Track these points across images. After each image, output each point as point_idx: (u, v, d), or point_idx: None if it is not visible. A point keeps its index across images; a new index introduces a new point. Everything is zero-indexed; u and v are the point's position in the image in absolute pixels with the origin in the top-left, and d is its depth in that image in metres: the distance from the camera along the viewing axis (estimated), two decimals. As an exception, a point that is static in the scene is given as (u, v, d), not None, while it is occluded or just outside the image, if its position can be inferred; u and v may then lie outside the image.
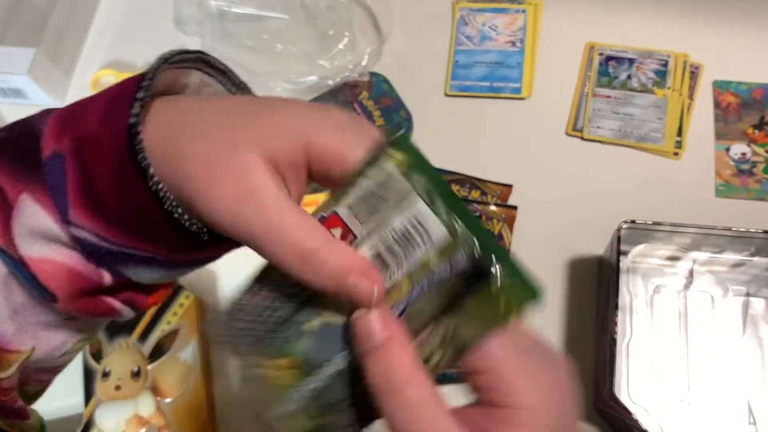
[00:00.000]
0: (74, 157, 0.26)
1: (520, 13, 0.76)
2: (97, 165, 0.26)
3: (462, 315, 0.24)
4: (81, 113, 0.27)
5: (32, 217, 0.27)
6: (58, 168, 0.26)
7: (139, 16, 0.83)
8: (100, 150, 0.26)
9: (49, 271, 0.27)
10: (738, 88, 0.71)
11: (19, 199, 0.27)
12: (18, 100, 0.77)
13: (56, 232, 0.27)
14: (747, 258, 0.59)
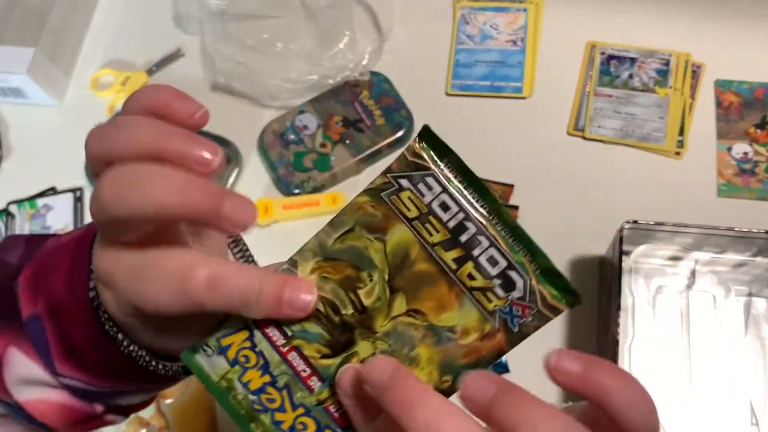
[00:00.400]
0: (50, 319, 0.28)
1: (521, 12, 0.76)
2: (71, 327, 0.28)
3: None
4: (48, 274, 0.29)
5: (21, 367, 0.29)
6: (38, 328, 0.28)
7: (138, 14, 0.82)
8: (72, 316, 0.28)
9: (44, 410, 0.30)
10: (740, 88, 0.70)
11: (7, 352, 0.29)
12: (17, 100, 0.77)
13: (46, 378, 0.29)
14: (749, 258, 0.58)
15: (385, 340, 0.26)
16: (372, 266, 0.26)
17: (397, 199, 0.27)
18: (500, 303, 0.26)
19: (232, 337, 0.26)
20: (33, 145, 0.76)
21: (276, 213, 0.67)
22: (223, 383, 0.26)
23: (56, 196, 0.72)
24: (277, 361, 0.26)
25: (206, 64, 0.77)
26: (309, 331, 0.26)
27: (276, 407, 0.26)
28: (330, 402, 0.26)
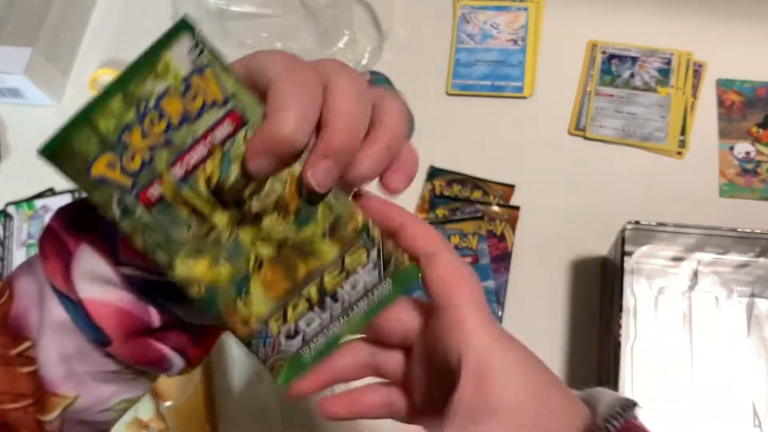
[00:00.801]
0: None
1: (522, 11, 0.76)
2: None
3: None
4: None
5: (90, 262, 0.31)
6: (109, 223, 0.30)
7: (136, 13, 0.82)
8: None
9: (104, 313, 0.31)
10: (742, 87, 0.70)
11: (78, 249, 0.31)
12: (15, 100, 0.76)
13: (110, 274, 0.31)
14: (752, 259, 0.58)
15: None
16: None
17: None
18: None
19: None
20: (31, 146, 0.74)
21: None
22: None
23: (55, 197, 0.71)
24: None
25: (205, 64, 0.77)
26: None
27: None
28: None
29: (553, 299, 0.62)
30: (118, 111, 0.25)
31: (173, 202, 0.27)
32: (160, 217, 0.27)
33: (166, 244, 0.28)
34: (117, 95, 0.25)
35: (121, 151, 0.26)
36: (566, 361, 0.60)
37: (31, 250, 0.69)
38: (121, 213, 0.27)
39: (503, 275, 0.63)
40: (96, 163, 0.26)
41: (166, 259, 0.28)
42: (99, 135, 0.26)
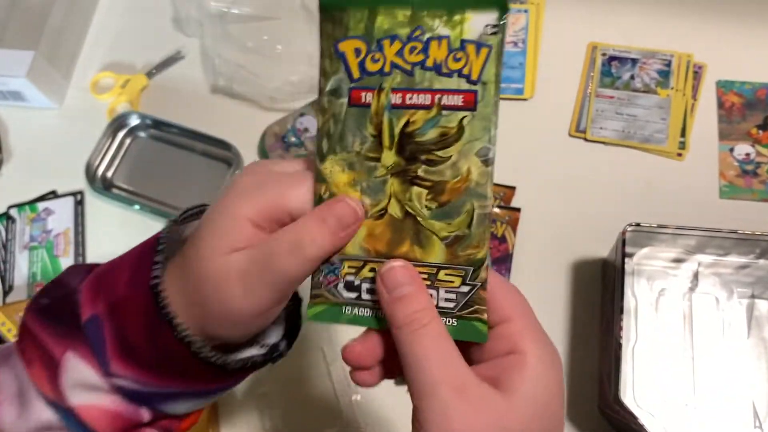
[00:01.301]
0: (109, 318, 0.31)
1: (522, 13, 0.76)
2: (130, 323, 0.31)
3: None
4: (111, 278, 0.33)
5: (77, 371, 0.31)
6: (97, 329, 0.31)
7: (137, 17, 0.82)
8: (132, 310, 0.31)
9: (95, 416, 0.32)
10: (742, 88, 0.70)
11: (65, 357, 0.32)
12: (17, 103, 0.76)
13: (99, 382, 0.31)
14: (752, 260, 0.58)
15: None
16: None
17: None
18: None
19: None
20: (33, 149, 0.75)
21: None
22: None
23: (57, 200, 0.71)
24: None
25: (206, 67, 0.77)
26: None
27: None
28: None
29: (554, 301, 0.62)
30: (399, 21, 0.28)
31: (371, 116, 0.29)
32: (351, 117, 0.29)
33: (336, 138, 0.29)
34: (408, 9, 0.28)
35: (373, 49, 0.28)
36: (567, 362, 0.60)
37: (34, 253, 0.69)
38: (331, 89, 0.29)
39: (504, 277, 0.63)
40: (349, 41, 0.28)
41: (325, 149, 0.30)
42: (371, 24, 0.28)
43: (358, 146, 0.29)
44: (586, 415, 0.58)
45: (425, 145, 0.29)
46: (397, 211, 0.29)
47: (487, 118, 0.28)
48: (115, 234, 0.69)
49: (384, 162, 0.29)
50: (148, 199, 0.71)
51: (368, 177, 0.29)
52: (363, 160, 0.29)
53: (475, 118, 0.28)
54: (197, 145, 0.72)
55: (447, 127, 0.28)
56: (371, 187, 0.30)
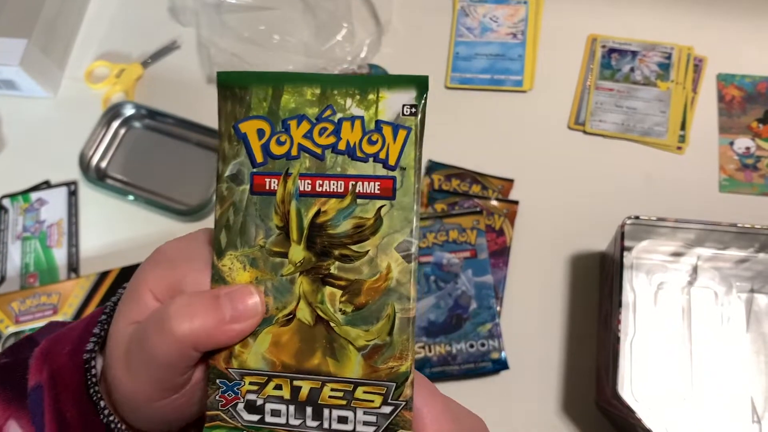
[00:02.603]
0: (50, 388, 0.29)
1: (522, 5, 0.75)
2: (64, 396, 0.29)
3: None
4: (58, 346, 0.30)
5: None
6: (38, 399, 0.30)
7: (133, 5, 0.81)
8: (67, 383, 0.29)
9: None
10: (742, 82, 0.70)
11: (6, 424, 0.30)
12: (10, 92, 0.75)
13: None
14: (751, 254, 0.58)
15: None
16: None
17: None
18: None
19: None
20: (26, 138, 0.75)
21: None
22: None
23: (50, 190, 0.71)
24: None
25: (202, 57, 0.76)
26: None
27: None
28: None
29: (552, 294, 0.62)
30: (307, 99, 0.25)
31: (276, 205, 0.26)
32: (254, 206, 0.26)
33: (237, 231, 0.26)
34: (317, 87, 0.25)
35: (278, 130, 0.26)
36: (565, 356, 0.60)
37: (26, 244, 0.68)
38: (231, 175, 0.26)
39: (502, 270, 0.63)
40: (251, 121, 0.26)
41: (224, 244, 0.26)
42: (276, 103, 0.25)
43: (262, 240, 0.26)
44: (583, 410, 0.57)
45: (339, 239, 0.25)
46: (307, 315, 0.26)
47: (407, 208, 0.25)
48: (109, 225, 0.69)
49: (292, 258, 0.26)
50: (143, 189, 0.70)
51: (274, 276, 0.26)
52: (267, 255, 0.26)
53: (394, 207, 0.25)
54: (192, 136, 0.72)
55: (363, 217, 0.25)
56: (277, 288, 0.26)
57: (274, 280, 0.26)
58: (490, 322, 0.59)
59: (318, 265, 0.26)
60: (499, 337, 0.58)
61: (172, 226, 0.68)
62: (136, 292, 0.27)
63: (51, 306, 0.63)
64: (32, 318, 0.62)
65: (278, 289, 0.26)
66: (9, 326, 0.62)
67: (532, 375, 0.54)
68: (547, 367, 0.59)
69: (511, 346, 0.55)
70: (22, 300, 0.63)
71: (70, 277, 0.66)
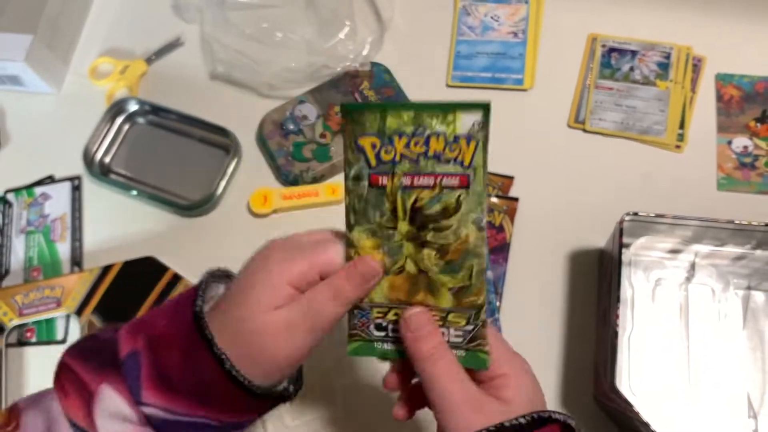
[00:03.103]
0: (148, 351, 0.35)
1: (523, 4, 0.76)
2: (168, 352, 0.35)
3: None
4: (150, 321, 0.37)
5: (110, 402, 0.35)
6: (134, 362, 0.35)
7: (137, 2, 0.82)
8: (171, 340, 0.36)
9: None
10: (740, 81, 0.70)
11: (99, 389, 0.35)
12: (15, 87, 0.76)
13: (130, 413, 0.35)
14: (748, 251, 0.58)
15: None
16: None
17: None
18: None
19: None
20: (31, 134, 0.75)
21: (276, 202, 0.67)
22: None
23: (54, 185, 0.71)
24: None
25: (206, 54, 0.77)
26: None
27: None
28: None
29: (551, 290, 0.63)
30: (404, 121, 0.35)
31: (387, 195, 0.36)
32: (371, 196, 0.36)
33: (361, 213, 0.37)
34: (411, 112, 0.35)
35: (385, 143, 0.35)
36: (564, 351, 0.60)
37: (30, 238, 0.69)
38: (354, 175, 0.36)
39: (502, 266, 0.63)
40: (366, 137, 0.35)
41: (353, 221, 0.37)
42: (382, 124, 0.35)
43: (378, 218, 0.36)
44: (581, 404, 0.58)
45: (431, 217, 0.36)
46: (412, 268, 0.37)
47: (479, 195, 0.35)
48: (112, 219, 0.69)
49: (400, 230, 0.36)
50: (146, 184, 0.71)
51: (388, 242, 0.37)
52: (383, 229, 0.37)
53: (469, 195, 0.35)
54: (195, 132, 0.72)
55: (448, 202, 0.35)
56: (391, 250, 0.37)
57: (389, 245, 0.37)
58: (490, 317, 0.59)
59: (418, 235, 0.36)
60: (499, 332, 0.59)
61: (175, 221, 0.69)
62: (271, 283, 0.36)
63: (54, 299, 0.63)
64: (36, 311, 0.63)
65: (392, 251, 0.37)
66: (13, 319, 0.63)
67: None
68: (546, 362, 0.60)
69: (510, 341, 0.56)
70: (26, 293, 0.64)
71: (73, 271, 0.67)
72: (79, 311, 0.63)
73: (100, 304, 0.62)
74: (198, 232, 0.68)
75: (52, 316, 0.63)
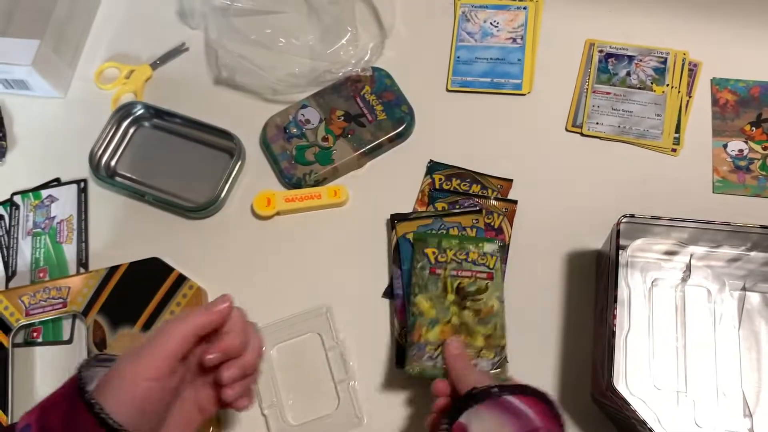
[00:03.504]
0: (37, 419, 0.41)
1: (522, 10, 0.77)
2: (53, 415, 0.41)
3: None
4: (45, 399, 0.43)
5: None
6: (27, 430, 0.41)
7: (142, 8, 0.83)
8: (56, 404, 0.42)
9: None
10: (736, 86, 0.72)
11: None
12: (22, 92, 0.77)
13: None
14: (743, 253, 0.59)
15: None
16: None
17: None
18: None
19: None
20: (37, 137, 0.76)
21: (279, 205, 0.68)
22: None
23: (60, 188, 0.72)
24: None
25: (210, 59, 0.78)
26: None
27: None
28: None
29: (549, 291, 0.64)
30: (453, 244, 0.60)
31: (440, 278, 0.59)
32: (431, 278, 0.59)
33: (421, 287, 0.59)
34: (455, 241, 0.60)
35: (439, 252, 0.60)
36: (562, 350, 0.61)
37: (37, 239, 0.70)
38: (421, 266, 0.59)
39: (501, 268, 0.64)
40: (429, 249, 0.60)
41: (417, 291, 0.59)
42: (438, 245, 0.60)
43: (434, 291, 0.58)
44: (579, 403, 0.59)
45: (470, 294, 0.58)
46: (456, 321, 0.57)
47: (499, 284, 0.59)
48: (118, 221, 0.70)
49: (448, 299, 0.58)
50: (151, 187, 0.72)
51: (441, 306, 0.58)
52: (437, 298, 0.58)
53: (493, 282, 0.58)
54: (200, 135, 0.73)
55: (480, 287, 0.58)
56: (442, 311, 0.58)
57: (441, 308, 0.58)
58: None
59: (461, 302, 0.58)
60: None
61: (180, 222, 0.70)
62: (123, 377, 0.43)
63: (61, 300, 0.64)
64: (42, 311, 0.64)
65: (442, 311, 0.58)
66: (20, 319, 0.64)
67: (529, 369, 0.55)
68: (544, 362, 0.61)
69: (509, 341, 0.57)
70: (33, 294, 0.65)
71: (79, 272, 0.68)
72: (86, 311, 0.64)
73: (106, 305, 0.63)
74: (202, 233, 0.69)
75: (59, 316, 0.64)
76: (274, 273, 0.66)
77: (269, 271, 0.67)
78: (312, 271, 0.66)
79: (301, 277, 0.66)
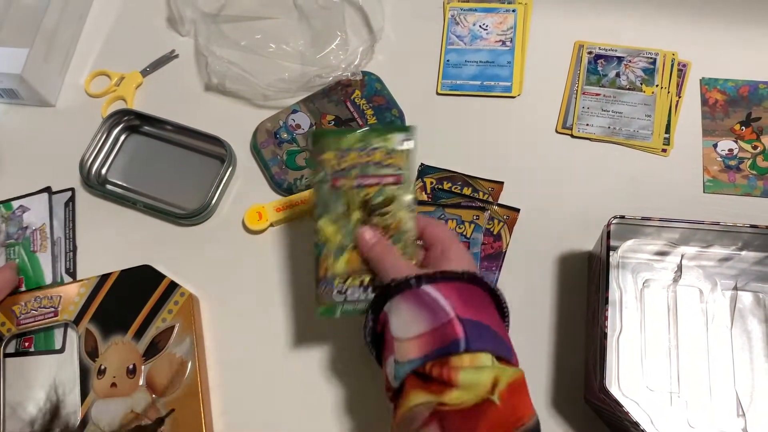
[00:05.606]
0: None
1: (511, 13, 0.77)
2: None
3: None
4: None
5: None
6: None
7: (132, 15, 0.83)
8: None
9: None
10: (725, 86, 0.72)
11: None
12: (11, 101, 0.77)
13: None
14: (735, 252, 0.59)
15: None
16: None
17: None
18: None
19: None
20: (27, 146, 0.76)
21: (270, 216, 0.67)
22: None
23: (31, 197, 0.72)
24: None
25: (200, 65, 0.78)
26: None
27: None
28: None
29: (541, 293, 0.64)
30: (356, 140, 0.51)
31: (344, 192, 0.50)
32: (333, 195, 0.50)
33: (324, 207, 0.51)
34: (360, 135, 0.51)
35: (341, 155, 0.50)
36: (554, 352, 0.61)
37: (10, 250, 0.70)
38: (319, 180, 0.50)
39: (494, 273, 0.64)
40: (328, 152, 0.51)
41: (320, 213, 0.51)
42: (339, 144, 0.51)
43: (339, 210, 0.50)
44: (572, 404, 0.59)
45: (377, 206, 0.50)
46: None
47: (409, 189, 0.50)
48: (109, 229, 0.70)
49: (353, 217, 0.51)
50: (142, 194, 0.72)
51: (346, 226, 0.50)
52: (341, 218, 0.50)
53: (401, 189, 0.50)
54: (190, 142, 0.73)
55: (387, 195, 0.50)
56: (347, 233, 0.51)
57: (346, 229, 0.50)
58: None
59: (367, 219, 0.50)
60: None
61: (172, 229, 0.70)
62: None
63: (52, 309, 0.64)
64: (33, 321, 0.64)
65: (348, 233, 0.50)
66: (11, 329, 0.63)
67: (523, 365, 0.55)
68: (537, 363, 0.61)
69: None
70: (24, 303, 0.64)
71: (62, 281, 0.68)
72: (77, 320, 0.63)
73: (97, 313, 0.63)
74: (194, 240, 0.69)
75: (50, 325, 0.64)
76: (267, 278, 0.66)
77: (262, 277, 0.66)
78: (305, 275, 0.66)
79: (295, 281, 0.66)
